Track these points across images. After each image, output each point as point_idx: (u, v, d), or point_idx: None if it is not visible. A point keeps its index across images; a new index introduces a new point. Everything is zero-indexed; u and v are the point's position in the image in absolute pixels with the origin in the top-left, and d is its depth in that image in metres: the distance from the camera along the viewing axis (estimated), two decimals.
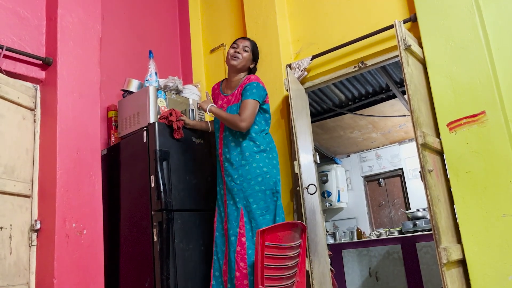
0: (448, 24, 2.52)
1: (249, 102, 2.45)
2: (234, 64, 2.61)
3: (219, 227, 2.57)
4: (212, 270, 2.52)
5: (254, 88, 2.49)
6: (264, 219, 2.39)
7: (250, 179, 2.43)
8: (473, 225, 2.27)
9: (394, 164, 6.18)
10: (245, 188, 2.43)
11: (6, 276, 2.23)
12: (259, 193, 2.42)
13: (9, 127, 2.40)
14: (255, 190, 2.42)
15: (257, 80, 2.55)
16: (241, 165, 2.47)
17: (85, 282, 2.40)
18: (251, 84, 2.50)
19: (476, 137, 2.32)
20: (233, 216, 2.45)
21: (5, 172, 2.33)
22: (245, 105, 2.45)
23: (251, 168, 2.44)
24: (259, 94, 2.48)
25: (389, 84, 4.43)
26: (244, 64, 2.64)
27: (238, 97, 2.56)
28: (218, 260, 2.51)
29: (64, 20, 2.68)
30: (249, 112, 2.42)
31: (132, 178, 2.74)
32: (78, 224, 2.44)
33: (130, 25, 3.62)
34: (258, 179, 2.43)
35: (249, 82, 2.52)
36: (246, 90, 2.50)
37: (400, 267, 4.88)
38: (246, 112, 2.41)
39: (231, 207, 2.48)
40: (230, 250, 2.41)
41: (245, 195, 2.43)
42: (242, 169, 2.46)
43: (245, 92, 2.49)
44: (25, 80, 2.60)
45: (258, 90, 2.49)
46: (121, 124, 2.97)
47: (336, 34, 3.11)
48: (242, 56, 2.62)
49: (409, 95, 2.33)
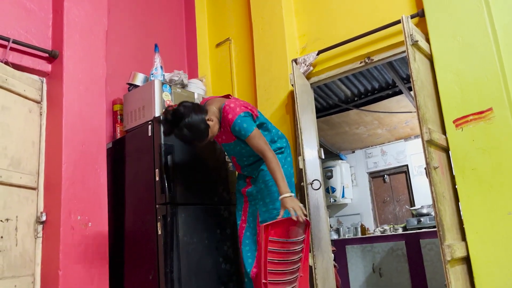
0: (456, 19, 2.49)
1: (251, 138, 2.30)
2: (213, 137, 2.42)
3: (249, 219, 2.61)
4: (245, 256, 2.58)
5: (243, 123, 2.29)
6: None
7: (268, 180, 2.42)
8: (478, 222, 2.26)
9: (400, 161, 6.16)
10: (263, 189, 2.46)
11: (12, 267, 2.26)
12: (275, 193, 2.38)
13: (16, 119, 2.42)
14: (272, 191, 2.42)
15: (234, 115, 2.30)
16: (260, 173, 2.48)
17: (90, 274, 2.42)
18: (235, 124, 2.30)
19: (483, 134, 2.30)
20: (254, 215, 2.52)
21: (12, 164, 2.34)
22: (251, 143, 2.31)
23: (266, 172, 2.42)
24: (248, 125, 2.30)
25: (396, 80, 4.40)
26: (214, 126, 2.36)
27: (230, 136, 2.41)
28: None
29: (70, 13, 2.69)
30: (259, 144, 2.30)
31: (137, 172, 2.75)
32: (83, 217, 2.45)
33: (136, 19, 3.62)
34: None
35: (232, 122, 2.30)
36: (237, 131, 2.32)
37: (404, 264, 4.87)
38: (258, 146, 2.30)
39: (251, 207, 2.55)
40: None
41: (263, 196, 2.46)
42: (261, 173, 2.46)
43: (239, 134, 2.33)
44: (31, 73, 2.61)
45: (246, 122, 2.31)
46: (126, 117, 2.98)
47: (342, 29, 3.09)
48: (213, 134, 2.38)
49: (416, 91, 2.31)
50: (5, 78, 2.36)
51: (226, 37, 3.83)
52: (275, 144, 2.54)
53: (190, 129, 2.24)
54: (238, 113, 2.31)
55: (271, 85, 3.28)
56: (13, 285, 2.24)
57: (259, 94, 3.35)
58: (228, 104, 2.35)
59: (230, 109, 2.33)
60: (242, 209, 2.61)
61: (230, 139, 2.44)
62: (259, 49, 3.45)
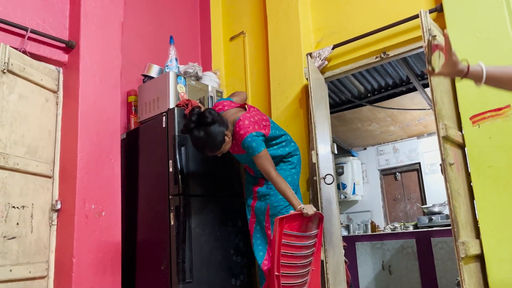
0: (475, 15, 2.46)
1: (258, 157, 2.34)
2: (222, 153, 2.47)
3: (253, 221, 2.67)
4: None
5: (252, 143, 2.34)
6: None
7: None
8: (493, 220, 2.24)
9: (412, 158, 6.10)
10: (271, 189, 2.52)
11: (27, 253, 2.30)
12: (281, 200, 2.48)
13: (33, 108, 2.45)
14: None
15: (246, 133, 2.36)
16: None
17: (103, 262, 2.44)
18: (245, 142, 2.36)
19: (500, 131, 2.27)
20: (262, 209, 2.56)
21: (28, 152, 2.38)
22: (257, 162, 2.36)
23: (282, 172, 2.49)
24: (258, 144, 2.36)
25: (410, 77, 4.36)
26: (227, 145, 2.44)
27: (241, 148, 2.44)
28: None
29: (87, 4, 2.71)
30: (265, 164, 2.34)
31: (151, 163, 2.77)
32: (97, 206, 2.48)
33: (151, 11, 3.63)
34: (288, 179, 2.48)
35: (243, 139, 2.36)
36: (246, 147, 2.38)
37: (414, 262, 4.84)
38: (264, 167, 2.34)
39: (259, 202, 2.58)
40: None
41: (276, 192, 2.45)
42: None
43: (247, 151, 2.38)
44: (48, 63, 2.64)
45: (256, 142, 2.35)
46: (140, 108, 2.99)
47: (358, 23, 3.07)
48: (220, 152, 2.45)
49: (432, 86, 2.29)
50: (23, 67, 2.39)
51: (240, 31, 3.83)
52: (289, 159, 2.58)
53: (208, 137, 2.31)
54: (250, 131, 2.37)
55: (285, 78, 3.27)
56: (27, 271, 2.28)
57: (273, 88, 3.34)
58: (242, 119, 2.41)
59: (243, 125, 2.39)
60: (250, 204, 2.63)
61: (242, 151, 2.47)
62: (273, 43, 3.44)
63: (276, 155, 2.51)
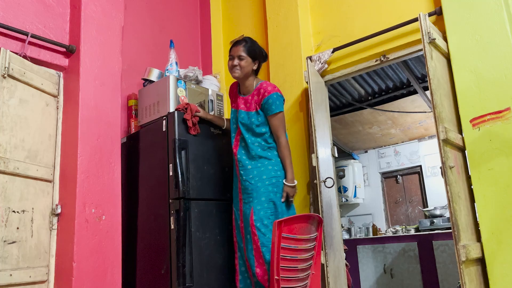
0: (475, 18, 2.46)
1: (278, 117, 2.54)
2: (236, 77, 2.65)
3: (236, 224, 2.62)
4: (237, 265, 2.59)
5: (277, 100, 2.54)
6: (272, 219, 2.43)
7: (265, 179, 2.49)
8: (494, 223, 2.23)
9: (413, 161, 6.09)
10: (259, 187, 2.48)
11: (27, 258, 2.29)
12: (271, 193, 2.48)
13: (33, 112, 2.45)
14: (268, 191, 2.48)
15: (274, 89, 2.56)
16: (256, 166, 2.52)
17: (103, 266, 2.44)
18: (271, 96, 2.52)
19: (500, 134, 2.27)
20: (247, 214, 2.50)
21: (29, 156, 2.38)
22: (274, 122, 2.54)
23: (265, 170, 2.50)
24: (281, 104, 2.56)
25: (410, 79, 4.36)
26: (246, 72, 2.62)
27: (254, 106, 2.58)
28: (242, 256, 2.57)
29: (87, 8, 2.71)
30: (281, 127, 2.55)
31: (151, 166, 2.77)
32: (97, 210, 2.48)
33: (151, 15, 3.64)
34: (272, 181, 2.50)
35: (269, 94, 2.53)
36: (269, 103, 2.52)
37: (415, 265, 4.83)
38: (279, 128, 2.54)
39: (245, 205, 2.53)
40: (247, 248, 2.48)
41: (258, 194, 2.47)
42: (257, 170, 2.51)
43: (269, 106, 2.52)
44: (48, 67, 2.65)
45: (280, 101, 2.55)
46: (141, 112, 3.00)
47: (358, 27, 3.07)
48: (240, 66, 2.60)
49: (432, 89, 2.29)
50: (23, 71, 2.40)
51: (240, 34, 3.83)
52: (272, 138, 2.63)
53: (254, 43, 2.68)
54: (278, 91, 2.57)
55: (285, 82, 3.27)
56: (28, 276, 2.27)
57: None
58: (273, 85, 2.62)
59: (272, 84, 2.61)
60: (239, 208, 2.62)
61: (251, 109, 2.56)
62: (273, 46, 3.44)
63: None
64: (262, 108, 2.55)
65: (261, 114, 2.56)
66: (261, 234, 2.41)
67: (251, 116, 2.58)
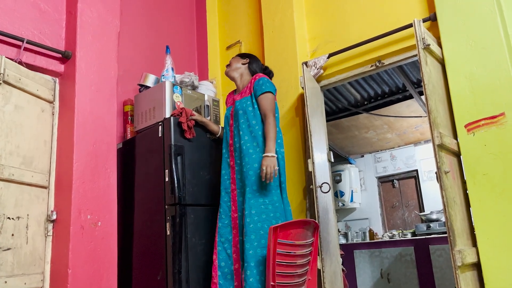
0: (469, 24, 2.48)
1: (266, 96, 2.59)
2: (228, 72, 2.83)
3: (223, 218, 2.57)
4: (216, 262, 2.50)
5: (267, 82, 2.63)
6: (266, 208, 2.39)
7: (257, 168, 2.44)
8: (489, 228, 2.24)
9: (409, 166, 6.11)
10: (251, 175, 2.45)
11: (22, 265, 2.28)
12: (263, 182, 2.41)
13: (29, 119, 2.44)
14: (260, 179, 2.42)
15: (264, 75, 2.70)
16: (249, 153, 2.50)
17: (99, 273, 2.43)
18: (262, 78, 2.64)
19: (495, 139, 2.28)
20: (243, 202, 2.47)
21: (24, 163, 2.37)
22: (262, 100, 2.58)
23: (258, 157, 2.47)
24: (271, 87, 2.64)
25: (406, 84, 4.38)
26: (236, 68, 2.80)
27: (248, 92, 2.68)
28: (225, 250, 2.51)
29: (83, 14, 2.71)
30: (270, 105, 2.57)
31: (147, 172, 2.76)
32: (93, 216, 2.47)
33: (148, 21, 3.65)
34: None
35: (259, 77, 2.65)
36: (259, 84, 2.62)
37: (412, 270, 4.83)
38: (268, 106, 2.57)
39: (240, 194, 2.51)
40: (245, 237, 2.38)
41: (250, 182, 2.44)
42: (249, 157, 2.49)
43: (259, 87, 2.61)
44: (44, 73, 2.64)
45: (270, 84, 2.64)
46: (137, 118, 3.00)
47: (353, 32, 3.09)
48: (230, 65, 2.83)
49: (427, 95, 2.30)
50: (18, 77, 2.39)
51: (236, 40, 3.85)
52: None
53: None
54: (269, 79, 2.68)
55: (281, 87, 3.28)
56: (23, 283, 2.26)
57: None
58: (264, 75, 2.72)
59: (264, 75, 2.70)
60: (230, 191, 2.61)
61: (247, 93, 2.67)
62: (269, 52, 3.46)
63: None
64: (253, 90, 2.63)
65: (255, 101, 2.63)
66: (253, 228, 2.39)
67: (247, 99, 2.64)
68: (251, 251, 2.31)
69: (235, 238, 2.51)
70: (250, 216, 2.37)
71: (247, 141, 2.54)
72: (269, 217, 2.37)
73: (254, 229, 2.35)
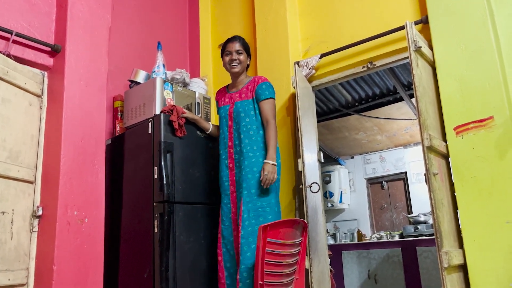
0: (460, 27, 2.49)
1: (269, 101, 2.63)
2: (237, 71, 2.73)
3: (224, 220, 2.60)
4: (222, 263, 2.55)
5: (270, 88, 2.68)
6: (264, 211, 2.43)
7: (255, 171, 2.48)
8: (476, 230, 2.25)
9: (398, 168, 6.16)
10: (249, 179, 2.47)
11: (6, 260, 2.24)
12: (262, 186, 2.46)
13: (16, 112, 2.40)
14: (259, 183, 2.46)
15: (267, 80, 2.72)
16: (248, 156, 2.52)
17: (85, 269, 2.40)
18: (265, 83, 2.67)
19: (483, 142, 2.30)
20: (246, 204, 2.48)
21: (10, 157, 2.33)
22: (265, 105, 2.61)
23: (257, 161, 2.50)
24: (273, 92, 2.69)
25: (397, 87, 4.41)
26: (244, 66, 2.77)
27: (250, 94, 2.67)
28: (228, 252, 2.56)
29: (74, 8, 2.68)
30: (272, 111, 2.63)
31: (135, 169, 2.74)
32: (79, 212, 2.44)
33: (139, 16, 3.61)
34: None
35: (263, 81, 2.68)
36: (262, 89, 2.64)
37: (399, 271, 4.86)
38: (270, 112, 2.61)
39: (239, 196, 2.53)
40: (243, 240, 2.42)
41: (249, 185, 2.46)
42: (249, 160, 2.51)
43: (263, 91, 2.63)
44: (33, 67, 2.60)
45: (273, 90, 2.69)
46: (126, 114, 2.97)
47: (346, 33, 3.10)
48: (239, 61, 2.72)
49: (417, 97, 2.31)
50: (6, 70, 2.35)
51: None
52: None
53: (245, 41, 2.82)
54: (271, 85, 2.71)
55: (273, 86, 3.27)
56: (6, 279, 2.22)
57: None
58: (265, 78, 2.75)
59: (266, 79, 2.72)
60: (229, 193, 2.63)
61: (248, 96, 2.66)
62: (261, 50, 3.45)
63: None
64: (256, 94, 2.63)
65: (256, 105, 2.64)
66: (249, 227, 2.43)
67: (249, 103, 2.64)
68: (248, 254, 2.35)
69: (236, 239, 2.53)
70: (248, 219, 2.41)
71: (247, 144, 2.55)
72: (266, 220, 2.40)
73: (252, 232, 2.39)
